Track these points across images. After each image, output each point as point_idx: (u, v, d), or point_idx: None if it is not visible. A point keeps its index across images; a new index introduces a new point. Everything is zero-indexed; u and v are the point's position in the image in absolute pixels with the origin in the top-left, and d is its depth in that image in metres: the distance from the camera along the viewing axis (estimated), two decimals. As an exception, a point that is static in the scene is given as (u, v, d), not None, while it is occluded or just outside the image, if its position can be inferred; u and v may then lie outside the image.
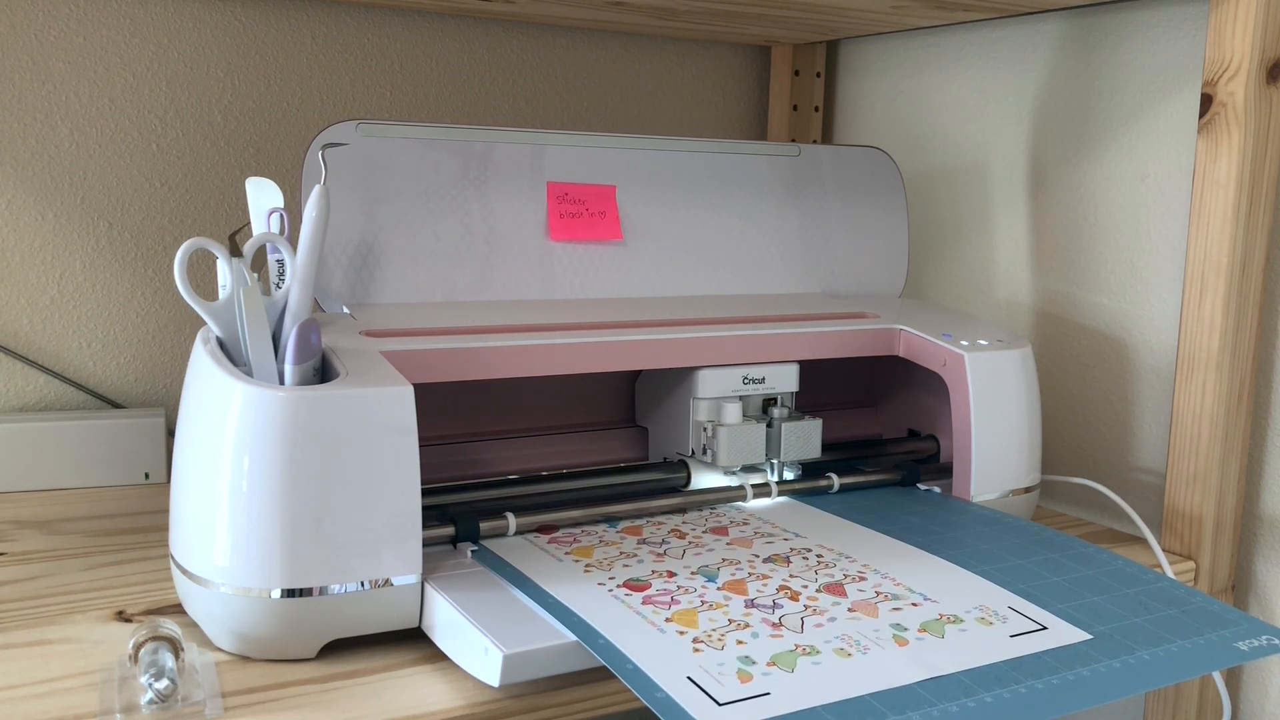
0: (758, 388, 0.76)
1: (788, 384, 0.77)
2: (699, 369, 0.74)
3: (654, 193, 0.83)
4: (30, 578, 0.68)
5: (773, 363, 0.77)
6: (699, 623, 0.56)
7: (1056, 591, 0.62)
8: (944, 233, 1.07)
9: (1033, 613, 0.59)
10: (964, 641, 0.56)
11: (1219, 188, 0.76)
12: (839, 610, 0.58)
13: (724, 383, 0.75)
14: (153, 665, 0.52)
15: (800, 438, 0.77)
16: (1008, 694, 0.51)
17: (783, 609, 0.58)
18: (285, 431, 0.55)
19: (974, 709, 0.49)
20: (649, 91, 1.15)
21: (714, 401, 0.75)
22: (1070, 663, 0.54)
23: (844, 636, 0.55)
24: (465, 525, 0.65)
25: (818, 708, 0.48)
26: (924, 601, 0.60)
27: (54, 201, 0.91)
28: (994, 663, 0.54)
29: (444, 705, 0.53)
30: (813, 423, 0.77)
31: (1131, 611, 0.60)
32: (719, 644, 0.54)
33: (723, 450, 0.74)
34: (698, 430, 0.76)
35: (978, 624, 0.58)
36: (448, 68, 1.05)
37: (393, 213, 0.74)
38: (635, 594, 0.59)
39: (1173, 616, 0.59)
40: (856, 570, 0.64)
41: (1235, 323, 0.77)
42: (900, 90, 1.10)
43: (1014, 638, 0.56)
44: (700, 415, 0.75)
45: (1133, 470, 0.91)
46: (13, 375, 0.91)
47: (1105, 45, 0.92)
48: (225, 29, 0.95)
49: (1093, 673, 0.54)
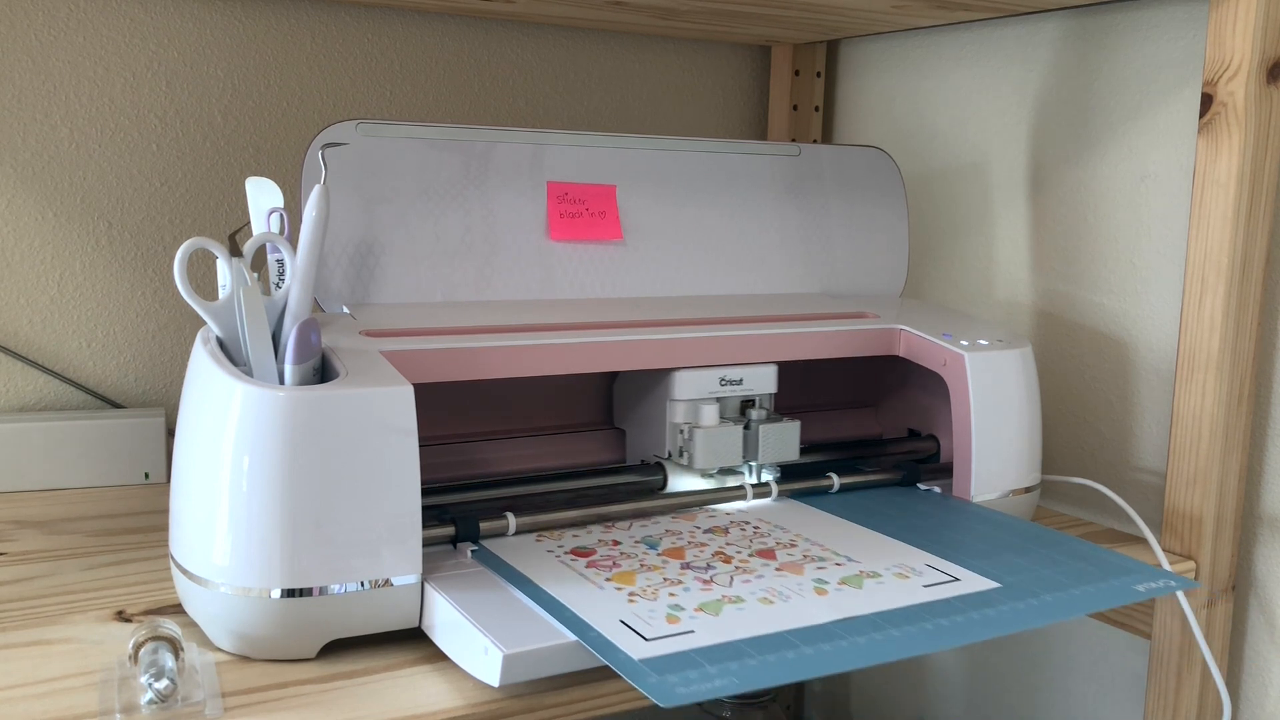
0: (735, 389, 0.75)
1: (766, 385, 0.76)
2: (675, 370, 0.74)
3: (654, 193, 0.83)
4: (30, 578, 0.68)
5: (751, 364, 0.76)
6: (636, 581, 0.61)
7: (974, 551, 0.67)
8: (944, 233, 1.07)
9: (947, 568, 0.64)
10: (880, 591, 0.61)
11: (1219, 187, 0.76)
12: (767, 570, 0.63)
13: (701, 384, 0.74)
14: (153, 665, 0.52)
15: (778, 440, 0.76)
16: (914, 629, 0.56)
17: (715, 570, 0.63)
18: (285, 431, 0.55)
19: (880, 641, 0.54)
20: (649, 91, 1.15)
21: (691, 403, 0.74)
22: (977, 605, 0.59)
23: (769, 589, 0.60)
24: (465, 525, 0.65)
25: (736, 641, 0.54)
26: (847, 562, 0.65)
27: (54, 201, 0.91)
28: (905, 606, 0.59)
29: (444, 705, 0.53)
30: (791, 424, 0.76)
31: (1042, 565, 0.65)
32: (653, 597, 0.59)
33: (699, 452, 0.73)
34: (674, 432, 0.75)
35: (895, 578, 0.63)
36: (448, 68, 1.05)
37: (393, 213, 0.74)
38: (580, 559, 0.64)
39: (1080, 568, 0.65)
40: (789, 539, 0.69)
41: (1235, 323, 0.77)
42: (900, 90, 1.10)
43: (927, 587, 0.61)
44: (677, 417, 0.75)
45: (1133, 470, 0.91)
46: (13, 375, 0.91)
47: (1105, 45, 0.92)
48: (225, 29, 0.95)
49: (997, 612, 0.58)
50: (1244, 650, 0.85)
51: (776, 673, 0.51)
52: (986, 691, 1.05)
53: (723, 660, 0.52)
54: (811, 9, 0.94)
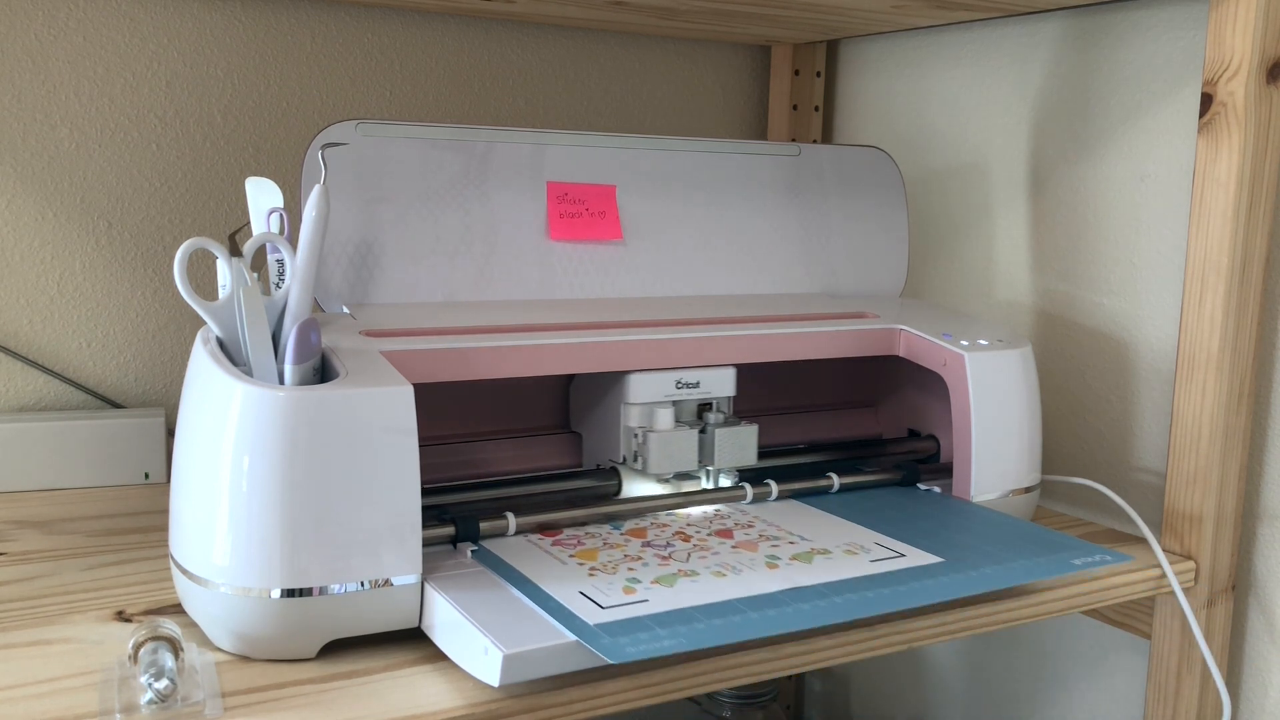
0: (692, 392, 0.73)
1: (724, 388, 0.75)
2: (630, 373, 0.72)
3: (654, 193, 0.83)
4: (30, 578, 0.68)
5: (708, 366, 0.74)
6: (598, 557, 0.65)
7: (922, 531, 0.71)
8: (944, 233, 1.07)
9: (894, 545, 0.68)
10: (828, 565, 0.65)
11: (1219, 187, 0.76)
12: (724, 548, 0.67)
13: (656, 387, 0.72)
14: (153, 665, 0.52)
15: (735, 444, 0.74)
16: (856, 597, 0.60)
17: (674, 548, 0.67)
18: (285, 431, 0.55)
19: (824, 606, 0.58)
20: (649, 91, 1.15)
21: (645, 406, 0.72)
22: (919, 577, 0.63)
23: (723, 564, 0.64)
24: (465, 525, 0.65)
25: (687, 608, 0.57)
26: (800, 541, 0.69)
27: (54, 201, 0.91)
28: (851, 578, 0.63)
29: (444, 705, 0.53)
30: (748, 429, 0.74)
31: (986, 543, 0.69)
32: (612, 571, 0.63)
33: (653, 457, 0.71)
34: (629, 436, 0.73)
35: (844, 554, 0.67)
36: (448, 68, 1.05)
37: (393, 213, 0.74)
38: (547, 538, 0.68)
39: (1023, 546, 0.69)
40: (747, 520, 0.72)
41: (1235, 323, 0.77)
42: (900, 90, 1.10)
43: (874, 562, 0.65)
44: (631, 421, 0.73)
45: (1133, 470, 0.91)
46: (13, 375, 0.91)
47: (1105, 45, 0.92)
48: (225, 29, 0.95)
49: (936, 582, 0.62)
50: (1244, 650, 0.85)
51: (722, 634, 0.54)
52: (986, 691, 1.05)
53: (673, 624, 0.55)
54: (811, 9, 0.94)
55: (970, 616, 0.67)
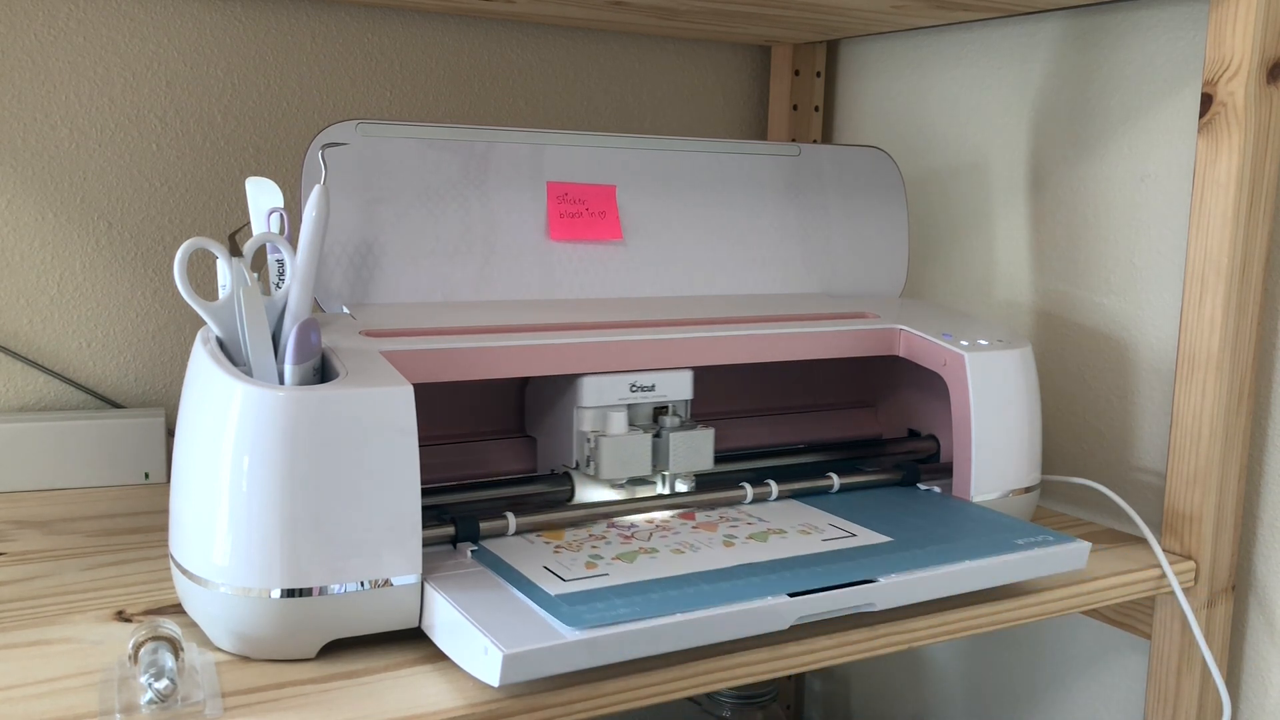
0: (647, 395, 0.72)
1: (681, 391, 0.73)
2: (582, 376, 0.70)
3: (654, 193, 0.83)
4: (30, 578, 0.68)
5: (664, 369, 0.72)
6: (564, 536, 0.68)
7: (877, 514, 0.74)
8: (944, 233, 1.07)
9: (847, 526, 0.72)
10: (782, 544, 0.68)
11: (1219, 188, 0.76)
12: (684, 528, 0.70)
13: (609, 390, 0.71)
14: (153, 665, 0.52)
15: (690, 449, 0.72)
16: (804, 570, 0.63)
17: (637, 528, 0.70)
18: (285, 431, 0.55)
19: (774, 579, 0.61)
20: (649, 91, 1.15)
21: (598, 410, 0.71)
22: (866, 554, 0.66)
23: (682, 542, 0.67)
24: (465, 525, 0.65)
25: (645, 581, 0.60)
26: (758, 523, 0.72)
27: (54, 201, 0.91)
28: (802, 555, 0.66)
29: (444, 705, 0.53)
30: (704, 433, 0.73)
31: (937, 525, 0.72)
32: (576, 549, 0.66)
33: (604, 462, 0.70)
34: (581, 441, 0.71)
35: (798, 534, 0.70)
36: (448, 68, 1.05)
37: (393, 213, 0.74)
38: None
39: (971, 528, 0.71)
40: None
41: (1235, 323, 0.77)
42: (900, 90, 1.10)
43: (825, 541, 0.69)
44: (584, 425, 0.71)
45: (1133, 470, 0.91)
46: (13, 375, 0.91)
47: (1105, 45, 0.92)
48: (225, 29, 0.95)
49: (883, 559, 0.65)
50: (1244, 650, 0.85)
51: (676, 604, 0.57)
52: (986, 691, 1.05)
53: (629, 595, 0.58)
54: (811, 9, 0.94)
55: (970, 616, 0.68)
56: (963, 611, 0.67)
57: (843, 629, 0.63)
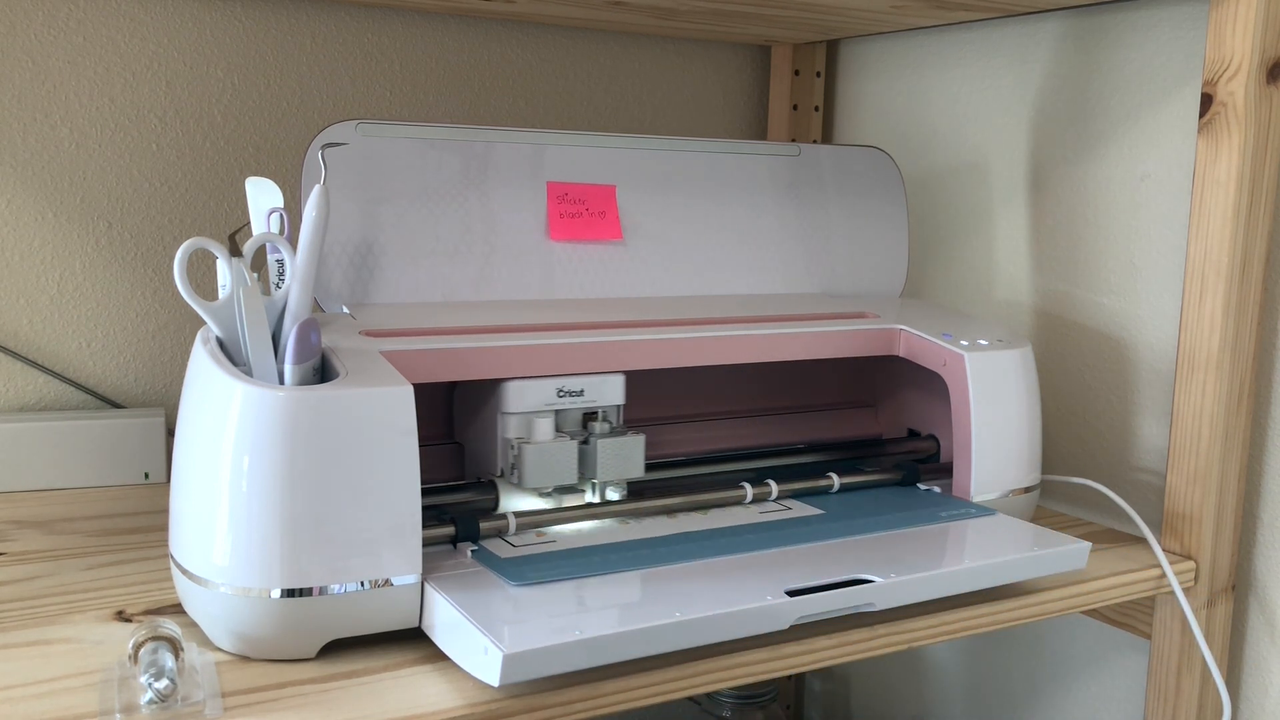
0: (575, 401, 0.69)
1: (612, 397, 0.70)
2: (506, 381, 0.68)
3: (654, 193, 0.83)
4: (30, 578, 0.68)
5: (593, 374, 0.70)
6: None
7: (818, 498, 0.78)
8: (944, 233, 1.07)
9: (785, 503, 0.77)
10: (720, 516, 0.73)
11: (1219, 188, 0.76)
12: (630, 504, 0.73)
13: (535, 395, 0.68)
14: (153, 665, 0.52)
15: (619, 456, 0.69)
16: (737, 538, 0.68)
17: None
18: (285, 431, 0.55)
19: (708, 544, 0.67)
20: (649, 91, 1.15)
21: (523, 416, 0.68)
22: (795, 525, 0.72)
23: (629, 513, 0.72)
24: (465, 525, 0.65)
25: (588, 547, 0.66)
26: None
27: (54, 201, 0.91)
28: (737, 525, 0.71)
29: (444, 705, 0.53)
30: (634, 439, 0.70)
31: (868, 501, 0.77)
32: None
33: (528, 470, 0.67)
34: (505, 448, 0.68)
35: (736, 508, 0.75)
36: (448, 68, 1.05)
37: (393, 213, 0.74)
38: None
39: (902, 504, 0.76)
40: None
41: (1235, 323, 0.77)
42: (900, 90, 1.10)
43: (762, 514, 0.74)
44: (509, 432, 0.68)
45: (1133, 470, 0.91)
46: (13, 375, 0.91)
47: (1105, 45, 0.92)
48: (225, 29, 0.95)
49: (812, 529, 0.71)
50: (1244, 650, 0.85)
51: (614, 564, 0.63)
52: (986, 691, 1.05)
53: (572, 558, 0.64)
54: (811, 9, 0.94)
55: (970, 616, 0.68)
56: (962, 611, 0.67)
57: (842, 629, 0.63)
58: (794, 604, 0.59)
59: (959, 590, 0.66)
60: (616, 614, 0.56)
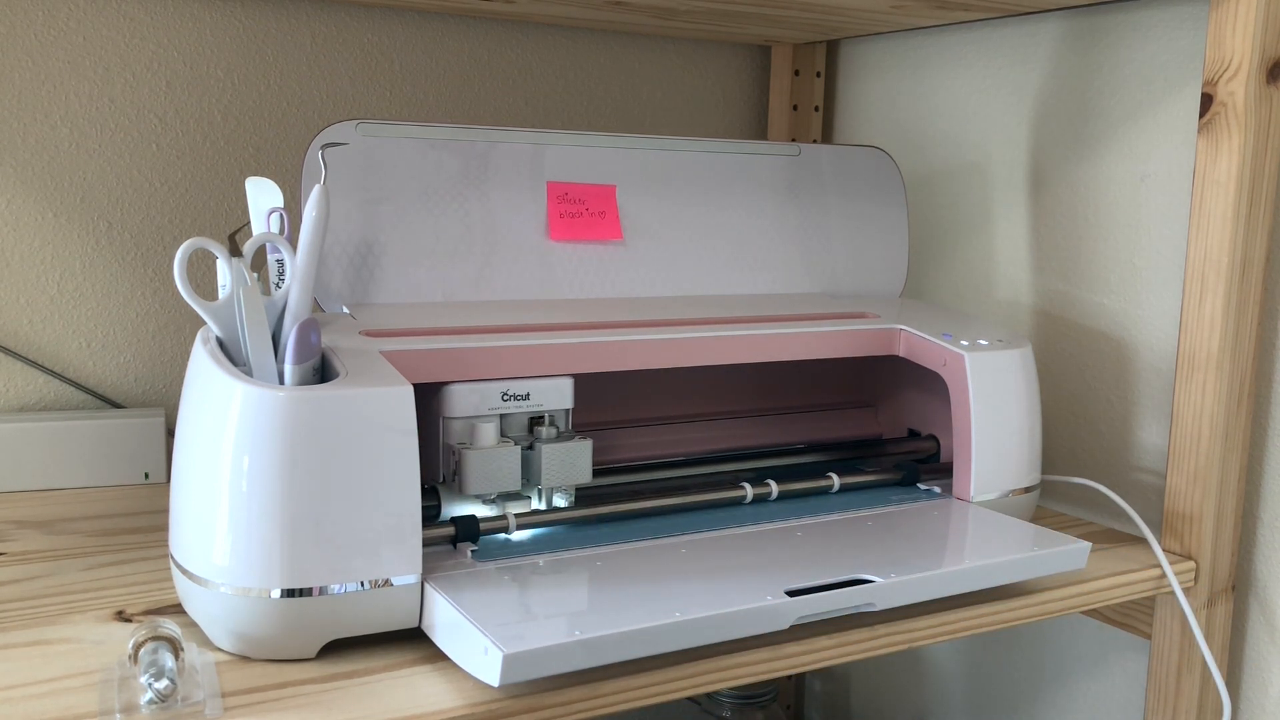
0: (520, 405, 0.67)
1: (559, 401, 0.68)
2: (448, 385, 0.66)
3: (654, 193, 0.83)
4: (30, 578, 0.68)
5: (540, 377, 0.68)
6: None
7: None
8: (944, 233, 1.07)
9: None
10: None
11: (1219, 188, 0.76)
12: None
13: (478, 400, 0.66)
14: (153, 665, 0.52)
15: (564, 462, 0.67)
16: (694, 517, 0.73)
17: None
18: (285, 431, 0.55)
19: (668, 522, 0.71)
20: (649, 91, 1.15)
21: (466, 421, 0.66)
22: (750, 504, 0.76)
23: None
24: (465, 525, 0.65)
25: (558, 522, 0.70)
26: None
27: (54, 201, 0.91)
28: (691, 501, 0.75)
29: (444, 705, 0.53)
30: (581, 444, 0.68)
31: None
32: None
33: (469, 476, 0.65)
34: (447, 454, 0.66)
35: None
36: (448, 68, 1.05)
37: (393, 213, 0.74)
38: None
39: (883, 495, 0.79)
40: None
41: (1235, 323, 0.77)
42: (900, 90, 1.10)
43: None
44: (451, 437, 0.66)
45: (1133, 470, 0.91)
46: (13, 375, 0.91)
47: (1105, 45, 0.92)
48: (225, 29, 0.95)
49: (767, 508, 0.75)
50: (1244, 650, 0.85)
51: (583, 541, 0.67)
52: (986, 691, 1.05)
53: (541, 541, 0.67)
54: (811, 9, 0.94)
55: (970, 616, 0.68)
56: (963, 611, 0.67)
57: (843, 629, 0.63)
58: (794, 604, 0.59)
59: (959, 590, 0.66)
60: (616, 614, 0.56)
